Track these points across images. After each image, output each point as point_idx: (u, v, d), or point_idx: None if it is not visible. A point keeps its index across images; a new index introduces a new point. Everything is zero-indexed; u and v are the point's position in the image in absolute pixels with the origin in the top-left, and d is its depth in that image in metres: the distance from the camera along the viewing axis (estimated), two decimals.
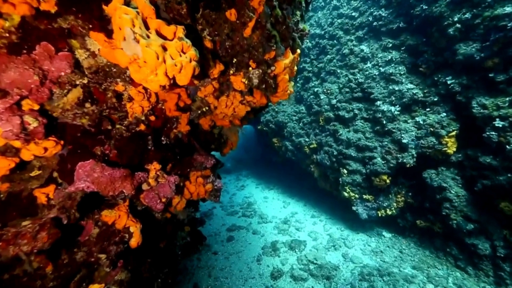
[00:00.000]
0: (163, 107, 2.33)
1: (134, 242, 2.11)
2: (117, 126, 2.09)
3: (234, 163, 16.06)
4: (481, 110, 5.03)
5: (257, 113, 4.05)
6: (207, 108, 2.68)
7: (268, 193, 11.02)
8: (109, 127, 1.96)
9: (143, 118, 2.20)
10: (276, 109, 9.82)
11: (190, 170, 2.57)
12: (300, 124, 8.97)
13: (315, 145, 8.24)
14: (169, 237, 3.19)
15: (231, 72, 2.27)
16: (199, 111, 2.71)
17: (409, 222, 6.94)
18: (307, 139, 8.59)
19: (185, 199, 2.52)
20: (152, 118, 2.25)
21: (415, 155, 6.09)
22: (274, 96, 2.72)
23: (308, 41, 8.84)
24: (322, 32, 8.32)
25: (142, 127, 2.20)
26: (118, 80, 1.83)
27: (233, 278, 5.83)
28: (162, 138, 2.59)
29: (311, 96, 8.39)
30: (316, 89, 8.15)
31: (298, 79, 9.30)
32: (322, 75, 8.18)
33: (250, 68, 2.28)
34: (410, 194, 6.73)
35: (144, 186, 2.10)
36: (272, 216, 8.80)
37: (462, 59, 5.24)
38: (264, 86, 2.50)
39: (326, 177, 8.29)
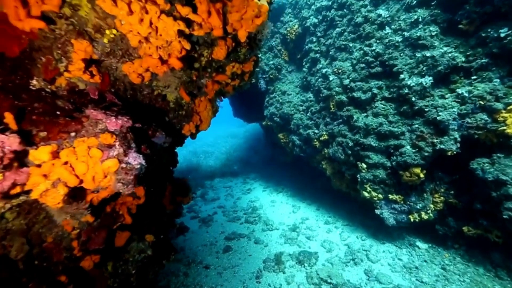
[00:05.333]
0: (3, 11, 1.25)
1: None
2: None
3: (241, 165, 14.89)
4: None
5: (240, 79, 2.90)
6: (115, 32, 1.57)
7: (276, 197, 9.75)
8: None
9: None
10: (281, 100, 8.64)
11: (76, 135, 1.45)
12: (308, 114, 7.69)
13: (326, 137, 6.91)
14: (105, 252, 2.07)
15: None
16: (105, 40, 1.61)
17: (452, 229, 5.35)
18: (316, 131, 7.28)
19: (66, 186, 1.40)
20: None
21: (458, 139, 4.60)
22: (232, 8, 1.57)
23: (313, 16, 7.61)
24: (330, 3, 7.08)
25: None
26: None
27: None
28: (34, 81, 1.51)
29: (319, 80, 7.12)
30: (324, 70, 6.88)
31: (304, 63, 8.06)
32: (331, 53, 6.91)
33: None
34: (452, 192, 5.18)
35: None
36: (278, 222, 7.53)
37: None
38: None
39: (341, 174, 6.89)
